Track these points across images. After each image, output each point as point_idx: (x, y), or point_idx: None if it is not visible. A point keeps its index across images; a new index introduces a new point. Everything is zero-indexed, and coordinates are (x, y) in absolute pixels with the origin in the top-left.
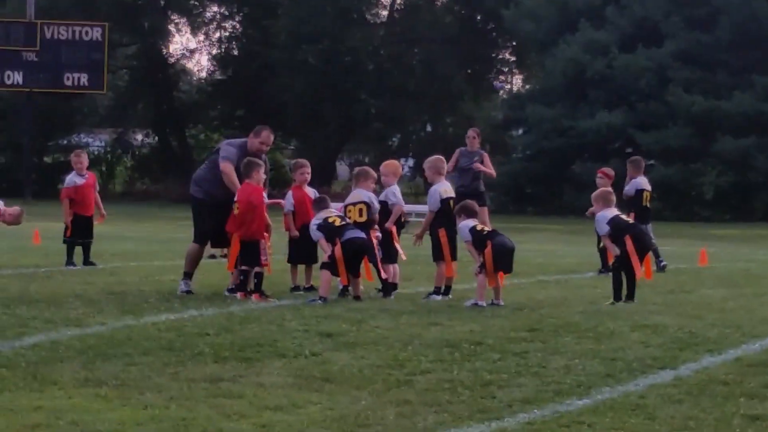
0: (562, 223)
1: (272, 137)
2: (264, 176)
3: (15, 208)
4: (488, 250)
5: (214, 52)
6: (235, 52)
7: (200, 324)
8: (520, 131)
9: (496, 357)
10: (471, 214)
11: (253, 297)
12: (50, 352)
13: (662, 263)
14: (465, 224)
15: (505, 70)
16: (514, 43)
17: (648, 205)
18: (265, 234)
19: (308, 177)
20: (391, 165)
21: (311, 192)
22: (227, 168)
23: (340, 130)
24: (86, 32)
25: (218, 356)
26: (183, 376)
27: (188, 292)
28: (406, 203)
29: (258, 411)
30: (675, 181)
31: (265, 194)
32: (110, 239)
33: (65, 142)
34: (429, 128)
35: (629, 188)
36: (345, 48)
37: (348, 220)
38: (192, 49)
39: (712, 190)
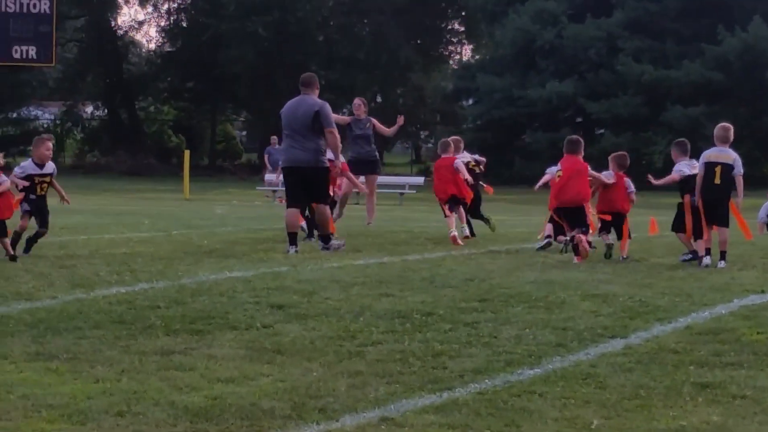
0: (513, 193)
1: None
2: None
3: None
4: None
5: (163, 23)
6: (184, 24)
7: (151, 297)
8: (471, 101)
9: (447, 327)
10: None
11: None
12: (0, 326)
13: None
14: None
15: (455, 40)
16: (464, 14)
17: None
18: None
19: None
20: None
21: None
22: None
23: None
24: (34, 4)
25: (169, 329)
26: (134, 349)
27: (339, 246)
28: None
29: (209, 383)
30: (625, 149)
31: None
32: (60, 212)
33: (14, 115)
34: (379, 99)
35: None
36: (294, 19)
37: None
38: (141, 21)
39: (662, 158)
